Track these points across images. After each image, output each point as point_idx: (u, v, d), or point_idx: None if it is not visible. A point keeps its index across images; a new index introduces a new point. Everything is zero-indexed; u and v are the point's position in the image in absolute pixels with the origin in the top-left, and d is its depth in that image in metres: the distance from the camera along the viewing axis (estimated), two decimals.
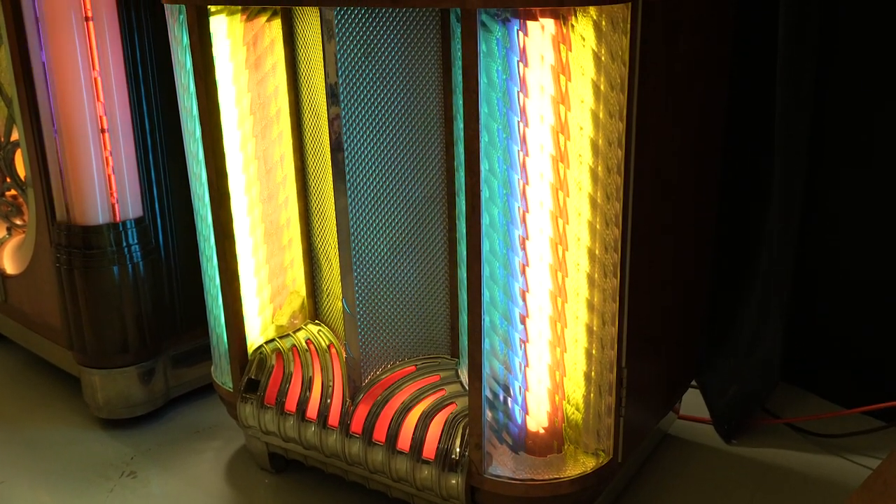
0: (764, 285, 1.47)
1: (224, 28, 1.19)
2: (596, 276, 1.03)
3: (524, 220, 0.99)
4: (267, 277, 1.33)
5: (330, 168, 1.18)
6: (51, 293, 1.57)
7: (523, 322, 1.03)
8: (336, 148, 1.16)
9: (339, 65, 1.11)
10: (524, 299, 1.02)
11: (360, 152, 1.15)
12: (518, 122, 0.94)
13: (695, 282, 1.38)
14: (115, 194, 1.46)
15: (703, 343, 1.49)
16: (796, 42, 1.30)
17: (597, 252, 1.02)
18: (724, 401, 1.51)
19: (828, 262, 1.53)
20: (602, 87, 0.95)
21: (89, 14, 1.39)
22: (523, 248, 1.00)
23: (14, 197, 1.71)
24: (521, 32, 0.91)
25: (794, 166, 1.38)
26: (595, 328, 1.05)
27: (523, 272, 1.01)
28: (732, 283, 1.57)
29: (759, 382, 1.52)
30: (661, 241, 1.17)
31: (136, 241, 1.49)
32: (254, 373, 1.32)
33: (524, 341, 1.04)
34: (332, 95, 1.12)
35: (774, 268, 1.44)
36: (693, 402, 1.56)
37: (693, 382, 1.57)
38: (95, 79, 1.42)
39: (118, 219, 1.47)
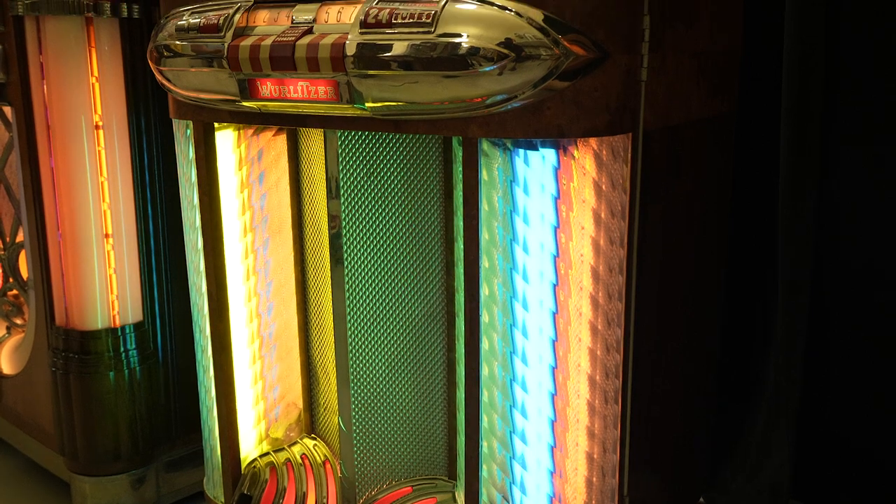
0: (770, 407, 1.44)
1: (230, 142, 1.21)
2: (596, 403, 1.01)
3: (523, 347, 0.97)
4: (263, 390, 1.31)
5: (330, 282, 1.18)
6: (45, 396, 1.55)
7: (521, 450, 1.00)
8: (336, 262, 1.16)
9: (342, 182, 1.12)
10: (523, 427, 1.00)
11: (359, 268, 1.15)
12: (518, 250, 0.94)
13: (700, 401, 1.35)
14: (115, 299, 1.46)
15: (709, 460, 1.45)
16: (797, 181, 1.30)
17: (597, 379, 1.00)
18: None
19: (844, 372, 1.49)
20: (603, 215, 0.95)
21: (99, 122, 1.42)
22: (522, 375, 0.98)
23: (16, 296, 1.71)
24: (522, 162, 0.92)
25: (799, 297, 1.36)
26: (596, 456, 1.03)
27: (522, 399, 0.99)
28: (737, 400, 1.54)
29: None
30: (663, 364, 1.15)
31: (134, 346, 1.47)
32: (247, 487, 1.28)
33: (522, 469, 1.01)
34: (334, 211, 1.13)
35: (780, 387, 1.41)
36: None
37: (701, 500, 1.52)
38: (102, 184, 1.44)
39: (117, 323, 1.46)
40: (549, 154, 0.92)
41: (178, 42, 1.10)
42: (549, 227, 0.93)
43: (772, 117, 1.36)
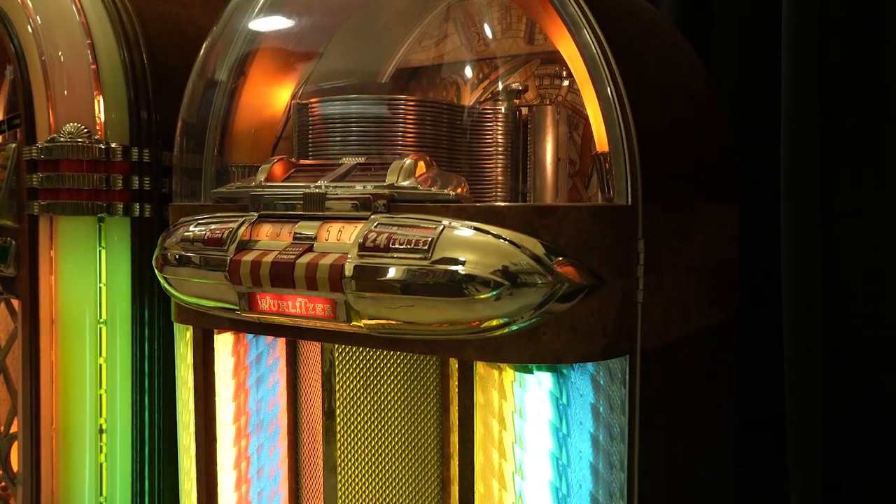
0: None
1: (229, 346, 1.21)
2: None
3: None
4: None
5: (324, 490, 1.14)
6: None
7: None
8: (330, 471, 1.13)
9: (338, 392, 1.11)
10: None
11: (354, 478, 1.12)
12: (514, 476, 0.91)
13: None
14: (105, 498, 1.41)
15: None
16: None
17: None
18: None
19: None
20: (601, 439, 0.93)
21: (104, 317, 1.43)
22: None
23: (3, 489, 1.67)
24: (518, 386, 0.91)
25: (809, 474, 1.31)
26: None
27: None
28: None
29: None
30: None
31: None
32: None
33: None
34: (330, 422, 1.11)
35: None
36: None
37: None
38: (101, 377, 1.43)
39: None
40: (545, 378, 0.91)
41: (182, 252, 1.12)
42: (546, 452, 0.91)
43: (774, 321, 1.36)
